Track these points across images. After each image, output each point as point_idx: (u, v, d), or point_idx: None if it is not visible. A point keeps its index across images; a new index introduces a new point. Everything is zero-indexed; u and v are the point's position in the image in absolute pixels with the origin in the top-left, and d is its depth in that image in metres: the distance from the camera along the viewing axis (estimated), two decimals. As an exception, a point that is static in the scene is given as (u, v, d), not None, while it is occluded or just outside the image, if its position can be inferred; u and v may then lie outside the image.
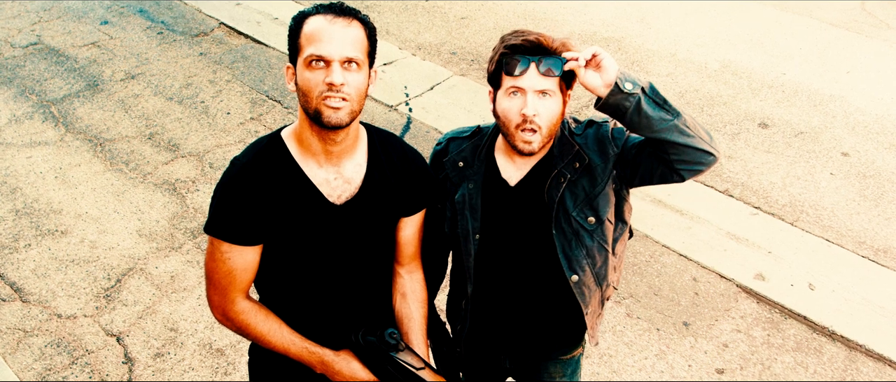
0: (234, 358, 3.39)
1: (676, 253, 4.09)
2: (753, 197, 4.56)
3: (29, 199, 4.30)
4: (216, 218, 1.76)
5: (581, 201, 1.96)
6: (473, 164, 2.06)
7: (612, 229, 2.04)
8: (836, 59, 6.22)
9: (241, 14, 6.49)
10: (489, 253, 2.10)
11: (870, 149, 5.06)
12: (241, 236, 1.76)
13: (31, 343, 3.43)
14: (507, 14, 6.69)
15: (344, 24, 1.68)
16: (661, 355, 3.51)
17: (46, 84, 5.42)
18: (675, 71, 5.92)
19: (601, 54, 1.79)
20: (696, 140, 1.80)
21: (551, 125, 1.88)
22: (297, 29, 1.71)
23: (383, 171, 1.88)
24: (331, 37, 1.66)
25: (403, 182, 1.91)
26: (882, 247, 4.19)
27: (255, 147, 1.81)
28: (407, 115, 5.21)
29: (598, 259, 2.04)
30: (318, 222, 1.80)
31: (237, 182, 1.75)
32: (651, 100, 1.77)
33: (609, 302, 2.28)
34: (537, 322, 2.19)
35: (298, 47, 1.70)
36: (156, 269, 3.85)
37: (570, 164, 1.95)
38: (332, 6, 1.72)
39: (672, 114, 1.78)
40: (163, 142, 4.84)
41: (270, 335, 1.84)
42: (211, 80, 5.54)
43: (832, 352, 3.57)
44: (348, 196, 1.83)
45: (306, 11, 1.73)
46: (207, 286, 1.84)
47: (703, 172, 1.85)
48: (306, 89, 1.68)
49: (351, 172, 1.83)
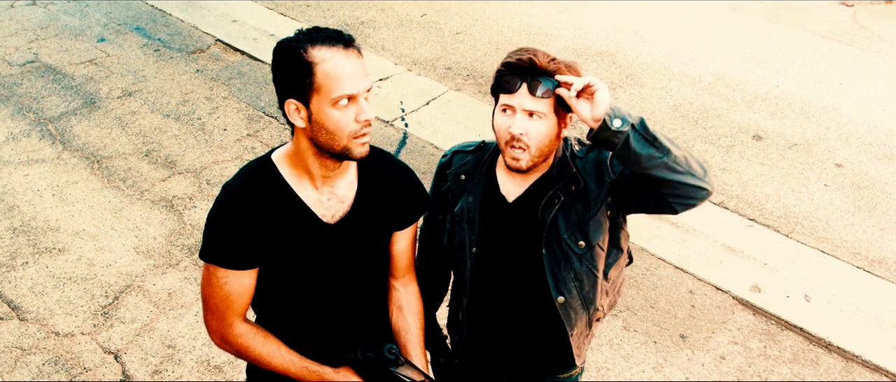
0: (231, 375, 3.39)
1: (672, 266, 4.10)
2: (748, 209, 4.58)
3: (26, 217, 4.31)
4: (211, 244, 1.75)
5: (573, 224, 1.97)
6: (474, 178, 2.08)
7: (603, 255, 2.05)
8: (829, 71, 6.27)
9: (238, 31, 6.52)
10: (485, 266, 2.11)
11: (863, 161, 5.10)
12: (237, 261, 1.76)
13: (28, 361, 3.42)
14: (502, 29, 6.74)
15: (355, 54, 1.66)
16: (658, 368, 3.51)
17: (43, 102, 5.44)
18: (668, 84, 5.96)
19: (595, 86, 1.75)
20: (687, 176, 1.77)
21: (541, 146, 1.88)
22: (308, 66, 1.63)
23: (374, 187, 1.89)
24: (353, 73, 1.64)
25: (395, 196, 1.93)
26: (877, 258, 4.22)
27: (246, 171, 1.80)
28: (403, 131, 5.23)
29: (586, 283, 2.05)
30: (312, 243, 1.81)
31: (230, 207, 1.74)
32: (640, 137, 1.74)
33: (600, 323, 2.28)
34: (528, 340, 2.20)
35: (315, 86, 1.64)
36: (153, 286, 3.86)
37: (566, 187, 1.96)
38: (335, 37, 1.66)
39: (661, 151, 1.74)
40: (160, 158, 4.85)
41: (270, 356, 1.84)
42: (207, 97, 5.57)
43: (829, 363, 3.58)
44: (341, 214, 1.84)
45: (305, 43, 1.65)
46: (205, 311, 1.83)
47: (695, 206, 1.83)
48: (335, 129, 1.66)
49: (343, 191, 1.84)
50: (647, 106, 5.64)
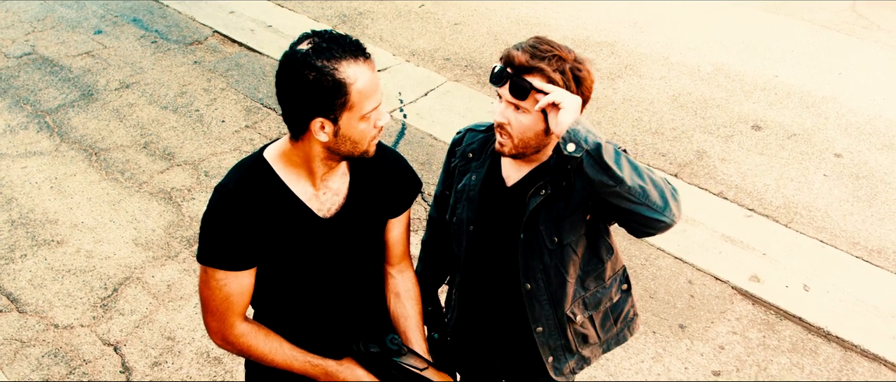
0: (231, 366, 3.39)
1: (671, 256, 4.10)
2: (747, 199, 4.58)
3: (24, 210, 4.30)
4: (208, 246, 1.74)
5: (551, 218, 1.98)
6: (480, 158, 2.11)
7: (577, 260, 2.05)
8: (828, 61, 6.26)
9: (235, 22, 6.50)
10: (479, 246, 2.15)
11: (862, 150, 5.10)
12: (235, 262, 1.74)
13: (28, 354, 3.42)
14: (501, 19, 6.72)
15: (373, 65, 1.66)
16: (657, 357, 3.52)
17: (41, 94, 5.42)
18: (668, 74, 5.95)
19: (561, 105, 1.72)
20: (642, 207, 1.74)
21: (524, 137, 1.89)
22: (343, 87, 1.59)
23: (366, 178, 1.89)
24: (377, 84, 1.66)
25: (387, 184, 1.93)
26: (876, 248, 4.22)
27: (238, 170, 1.78)
28: (402, 121, 5.22)
29: (554, 280, 2.05)
30: (309, 238, 1.81)
31: (225, 208, 1.72)
32: (594, 164, 1.70)
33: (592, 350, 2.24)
34: (508, 327, 2.23)
35: (349, 104, 1.62)
36: (152, 278, 3.86)
37: (557, 181, 1.96)
38: (353, 47, 1.63)
39: (614, 180, 1.70)
40: (158, 150, 4.84)
41: (272, 354, 1.84)
42: (205, 89, 5.55)
43: (828, 353, 3.59)
44: (336, 208, 1.83)
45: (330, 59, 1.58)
46: (204, 313, 1.82)
47: (654, 235, 1.81)
48: (360, 139, 1.69)
49: (337, 183, 1.84)
50: (646, 96, 5.63)
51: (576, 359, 2.22)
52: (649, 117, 5.38)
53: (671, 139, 5.14)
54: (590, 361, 2.26)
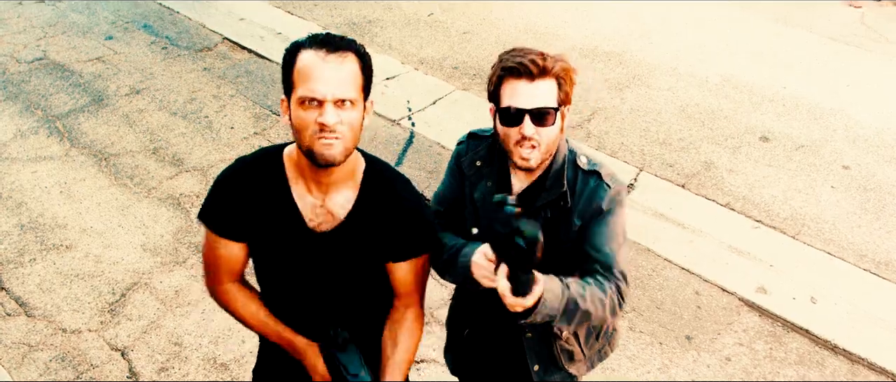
0: (238, 373, 3.40)
1: (678, 267, 4.10)
2: (755, 210, 4.57)
3: (34, 214, 4.33)
4: (207, 205, 1.85)
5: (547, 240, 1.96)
6: (492, 164, 2.11)
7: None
8: (836, 73, 6.25)
9: (245, 29, 6.54)
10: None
11: (870, 162, 5.08)
12: (224, 230, 1.84)
13: (35, 358, 3.44)
14: (509, 29, 6.74)
15: (337, 61, 1.63)
16: (663, 369, 3.51)
17: (51, 99, 5.46)
18: (676, 85, 5.96)
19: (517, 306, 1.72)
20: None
21: (550, 147, 1.93)
22: (291, 63, 1.66)
23: (371, 212, 1.83)
24: (323, 76, 1.61)
25: (394, 227, 1.85)
26: (884, 260, 4.21)
27: (262, 152, 1.86)
28: (410, 130, 5.24)
29: None
30: (293, 244, 1.83)
31: (233, 179, 1.82)
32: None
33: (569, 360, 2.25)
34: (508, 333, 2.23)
35: (292, 83, 1.66)
36: (160, 284, 3.87)
37: (556, 202, 1.98)
38: (326, 40, 1.66)
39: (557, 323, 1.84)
40: (167, 156, 4.87)
41: (248, 317, 1.95)
42: (215, 95, 5.58)
43: (835, 366, 3.58)
44: (329, 227, 1.82)
45: (300, 43, 1.67)
46: (202, 263, 1.95)
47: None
48: (299, 127, 1.66)
49: (338, 206, 1.81)
50: (654, 106, 5.63)
51: (562, 376, 2.25)
52: (657, 128, 5.38)
53: (679, 150, 5.14)
54: (575, 379, 2.29)
